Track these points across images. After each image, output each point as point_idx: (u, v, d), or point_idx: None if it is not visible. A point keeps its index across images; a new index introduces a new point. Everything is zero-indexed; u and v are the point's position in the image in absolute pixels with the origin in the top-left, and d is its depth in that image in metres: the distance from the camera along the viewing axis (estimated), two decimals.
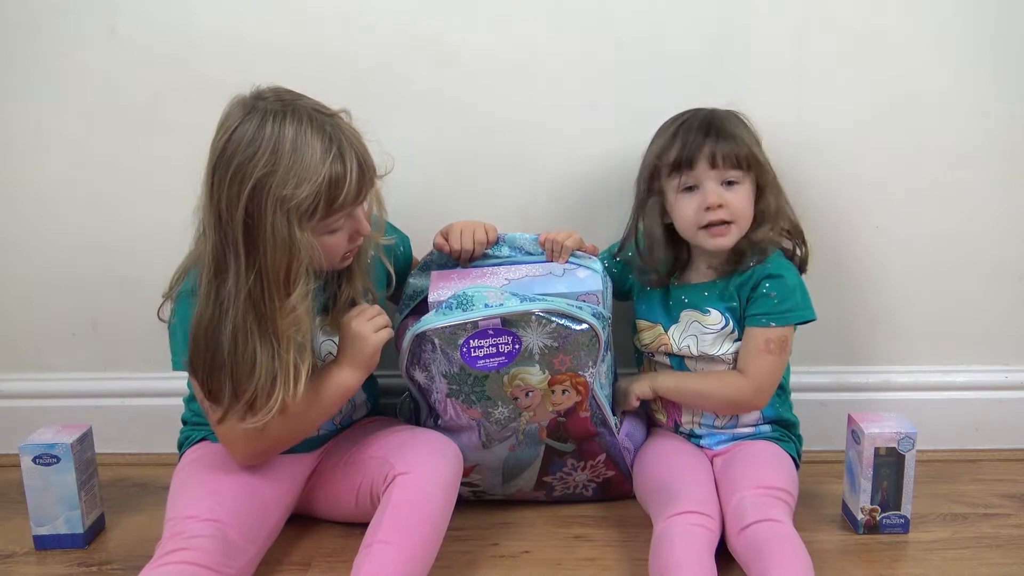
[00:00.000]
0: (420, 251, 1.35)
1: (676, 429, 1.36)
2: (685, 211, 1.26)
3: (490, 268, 1.25)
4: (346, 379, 1.18)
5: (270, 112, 1.06)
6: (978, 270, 1.48)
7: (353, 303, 1.21)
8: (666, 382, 1.32)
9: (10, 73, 1.42)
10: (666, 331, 1.32)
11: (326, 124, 1.08)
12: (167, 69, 1.41)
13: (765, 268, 1.27)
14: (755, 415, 1.32)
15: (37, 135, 1.45)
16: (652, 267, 1.31)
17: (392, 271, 1.28)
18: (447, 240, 1.28)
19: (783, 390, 1.34)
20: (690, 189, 1.26)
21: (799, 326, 1.29)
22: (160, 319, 1.17)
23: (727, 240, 1.26)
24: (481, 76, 1.41)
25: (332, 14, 1.39)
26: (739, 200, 1.25)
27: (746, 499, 1.15)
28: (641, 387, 1.31)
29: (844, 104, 1.41)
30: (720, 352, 1.29)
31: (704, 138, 1.25)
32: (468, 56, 1.40)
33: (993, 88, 1.41)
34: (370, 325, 1.17)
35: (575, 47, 1.40)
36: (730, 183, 1.25)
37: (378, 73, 1.40)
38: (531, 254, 1.29)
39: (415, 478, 1.13)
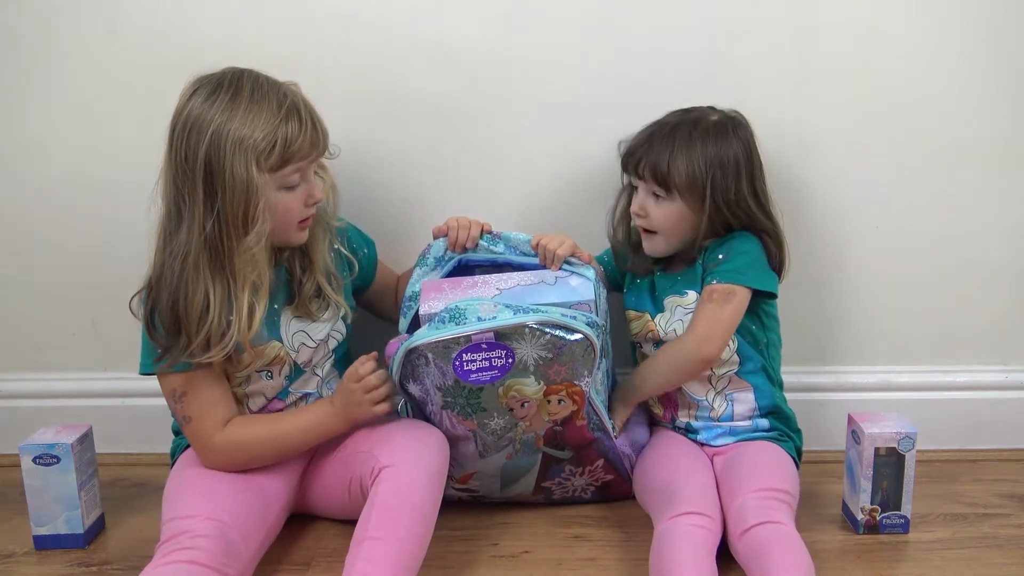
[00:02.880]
0: (412, 252, 1.33)
1: (673, 423, 1.35)
2: (627, 207, 1.31)
3: (481, 278, 1.24)
4: (332, 425, 1.22)
5: (225, 76, 1.13)
6: (978, 270, 1.48)
7: (319, 291, 1.25)
8: (631, 391, 1.31)
9: (10, 73, 1.42)
10: (652, 319, 1.32)
11: (280, 87, 1.15)
12: (167, 70, 1.38)
13: (724, 240, 1.27)
14: (750, 405, 1.30)
15: (37, 135, 1.44)
16: (637, 259, 1.33)
17: (354, 260, 1.31)
18: (446, 226, 1.28)
19: (772, 381, 1.32)
20: (635, 188, 1.29)
21: (763, 298, 1.27)
22: (131, 311, 1.19)
23: (653, 246, 1.29)
24: (481, 76, 1.41)
25: (331, 15, 1.38)
26: (660, 215, 1.26)
27: (748, 502, 1.15)
28: (621, 416, 1.30)
29: (844, 104, 1.41)
30: None
31: (639, 146, 1.27)
32: (468, 56, 1.40)
33: (993, 88, 1.41)
34: (370, 396, 1.19)
35: (575, 47, 1.40)
36: (657, 196, 1.26)
37: (378, 73, 1.40)
38: (526, 254, 1.28)
39: (400, 470, 1.13)
